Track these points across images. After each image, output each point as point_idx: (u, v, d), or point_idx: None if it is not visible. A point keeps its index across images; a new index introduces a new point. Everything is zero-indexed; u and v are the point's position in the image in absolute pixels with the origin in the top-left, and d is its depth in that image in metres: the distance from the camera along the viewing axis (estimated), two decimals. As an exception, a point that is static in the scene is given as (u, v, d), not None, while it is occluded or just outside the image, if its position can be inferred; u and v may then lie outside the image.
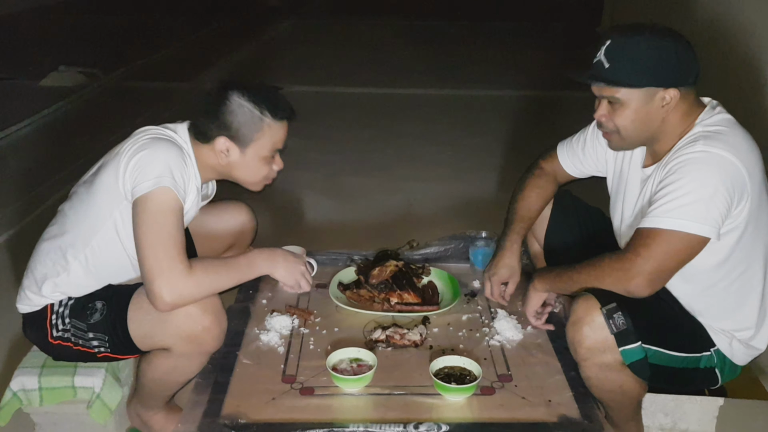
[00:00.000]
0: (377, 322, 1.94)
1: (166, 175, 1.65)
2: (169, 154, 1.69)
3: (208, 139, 1.78)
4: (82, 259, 1.75)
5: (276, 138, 1.80)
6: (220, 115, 1.75)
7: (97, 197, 1.73)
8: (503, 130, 4.92)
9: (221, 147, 1.77)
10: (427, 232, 2.67)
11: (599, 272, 1.65)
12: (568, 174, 2.06)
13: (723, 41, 3.89)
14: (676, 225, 1.56)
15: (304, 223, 3.44)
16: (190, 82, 6.01)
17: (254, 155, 1.79)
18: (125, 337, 1.71)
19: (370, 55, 7.37)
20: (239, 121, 1.75)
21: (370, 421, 1.56)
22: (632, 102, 1.63)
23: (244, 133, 1.76)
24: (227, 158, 1.79)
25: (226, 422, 1.56)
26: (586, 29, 7.67)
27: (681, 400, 1.90)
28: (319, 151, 4.43)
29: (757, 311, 1.71)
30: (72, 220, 1.77)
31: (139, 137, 1.73)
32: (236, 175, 1.84)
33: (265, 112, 1.76)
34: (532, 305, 1.91)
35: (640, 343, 1.61)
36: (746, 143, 1.62)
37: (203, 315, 1.67)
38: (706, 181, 1.56)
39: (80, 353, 1.76)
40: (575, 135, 2.04)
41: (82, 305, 1.76)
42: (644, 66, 1.59)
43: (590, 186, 2.08)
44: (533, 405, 1.63)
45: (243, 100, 1.75)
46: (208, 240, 2.10)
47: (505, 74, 6.50)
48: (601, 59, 1.62)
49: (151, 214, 1.64)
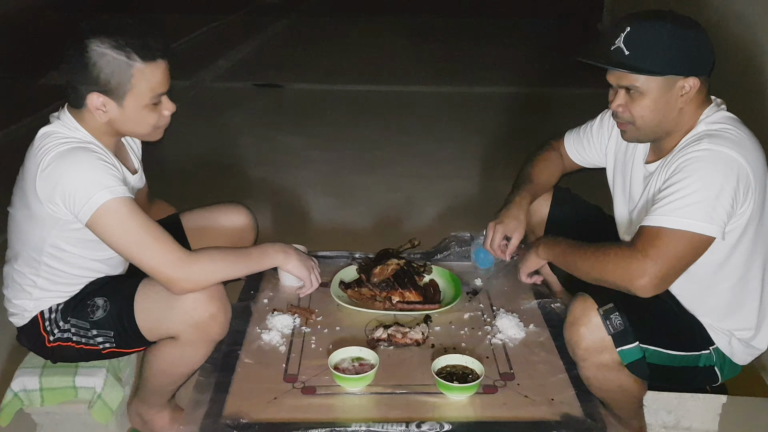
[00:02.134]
0: (379, 321, 1.93)
1: (95, 189, 1.56)
2: (79, 164, 1.57)
3: (82, 101, 1.62)
4: (44, 275, 1.72)
5: (153, 82, 1.62)
6: (83, 69, 1.58)
7: (28, 223, 1.68)
8: (504, 126, 4.91)
9: (96, 104, 1.61)
10: (428, 230, 2.68)
11: (604, 264, 1.64)
12: (572, 161, 2.07)
13: (729, 38, 3.87)
14: (683, 224, 1.55)
15: (305, 222, 3.44)
16: (190, 80, 6.00)
17: (134, 106, 1.62)
18: (132, 329, 1.70)
19: (369, 53, 7.35)
20: (106, 72, 1.57)
21: (372, 420, 1.56)
22: (652, 91, 1.61)
23: (116, 84, 1.59)
24: (107, 115, 1.63)
25: (228, 422, 1.55)
26: (587, 26, 7.65)
27: (684, 398, 1.89)
28: (320, 149, 4.42)
29: (757, 311, 1.71)
30: (15, 243, 1.74)
31: (42, 158, 1.59)
32: (124, 131, 1.69)
33: (132, 56, 1.57)
34: (528, 267, 1.96)
35: (638, 343, 1.60)
36: (750, 142, 1.61)
37: (210, 302, 1.66)
38: (712, 180, 1.55)
39: (82, 352, 1.76)
40: (584, 125, 2.05)
41: (77, 305, 1.75)
42: (666, 54, 1.57)
43: (589, 183, 2.08)
44: (536, 404, 1.62)
45: (104, 48, 1.56)
46: (206, 244, 2.06)
47: (506, 71, 6.48)
48: (621, 46, 1.59)
49: (114, 229, 1.60)
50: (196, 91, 5.86)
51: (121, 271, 1.88)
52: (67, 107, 1.69)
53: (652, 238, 1.58)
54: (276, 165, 4.17)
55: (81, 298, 1.76)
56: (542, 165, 2.09)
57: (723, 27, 3.88)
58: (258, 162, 4.21)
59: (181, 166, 4.15)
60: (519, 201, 2.02)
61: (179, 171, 4.04)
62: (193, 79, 6.10)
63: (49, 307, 1.75)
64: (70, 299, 1.76)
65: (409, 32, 8.39)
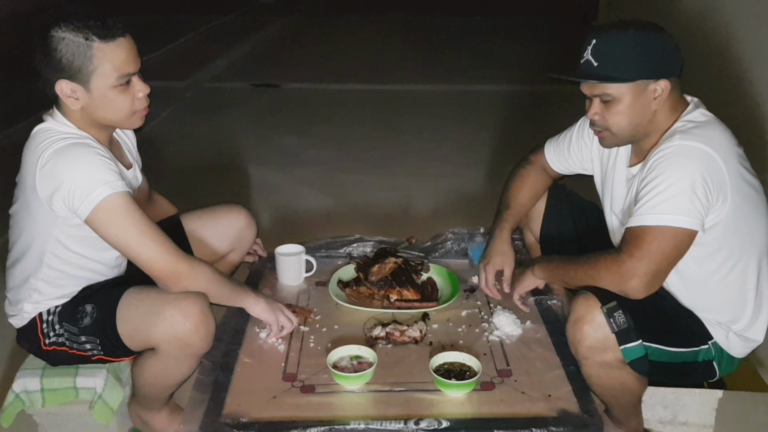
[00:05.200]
0: (377, 319, 1.94)
1: (95, 184, 1.57)
2: (78, 160, 1.58)
3: (52, 91, 1.61)
4: (44, 277, 1.73)
5: (116, 61, 1.59)
6: (47, 57, 1.58)
7: (29, 223, 1.68)
8: (501, 125, 4.92)
9: (66, 92, 1.60)
10: (426, 228, 2.68)
11: (595, 272, 1.66)
12: (556, 171, 2.08)
13: (717, 33, 3.89)
14: (662, 220, 1.57)
15: (303, 221, 3.44)
16: (186, 80, 6.00)
17: (102, 88, 1.61)
18: (115, 337, 1.69)
19: (365, 52, 7.36)
20: (67, 56, 1.57)
21: (371, 418, 1.57)
22: (625, 97, 1.63)
23: (78, 67, 1.58)
24: (78, 102, 1.62)
25: (228, 421, 1.56)
26: (583, 22, 7.66)
27: (680, 393, 1.90)
28: (316, 148, 4.43)
29: (752, 303, 1.72)
30: (18, 246, 1.74)
31: (40, 155, 1.59)
32: (99, 118, 1.66)
33: (90, 36, 1.56)
34: (524, 287, 1.95)
35: (641, 341, 1.62)
36: (723, 135, 1.63)
37: (191, 316, 1.62)
38: (683, 173, 1.56)
39: (76, 357, 1.76)
40: (562, 133, 2.05)
41: (71, 310, 1.75)
42: (632, 60, 1.60)
43: (586, 180, 2.08)
44: (533, 400, 1.63)
45: (62, 33, 1.56)
46: (206, 245, 2.07)
47: (502, 69, 6.49)
48: (589, 58, 1.64)
49: (113, 223, 1.60)
50: (194, 91, 5.86)
51: (120, 272, 1.88)
52: (55, 105, 1.69)
53: (636, 238, 1.60)
54: (274, 164, 4.17)
55: (76, 303, 1.76)
56: (519, 184, 2.09)
57: (704, 20, 3.90)
58: (256, 161, 4.21)
59: (179, 166, 4.16)
60: (499, 234, 2.06)
61: (177, 171, 4.04)
62: (191, 79, 6.11)
63: (48, 310, 1.76)
64: (67, 303, 1.76)
65: (405, 31, 8.39)
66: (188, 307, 1.63)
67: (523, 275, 1.94)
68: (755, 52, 3.51)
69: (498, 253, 2.05)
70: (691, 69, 1.75)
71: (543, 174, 2.10)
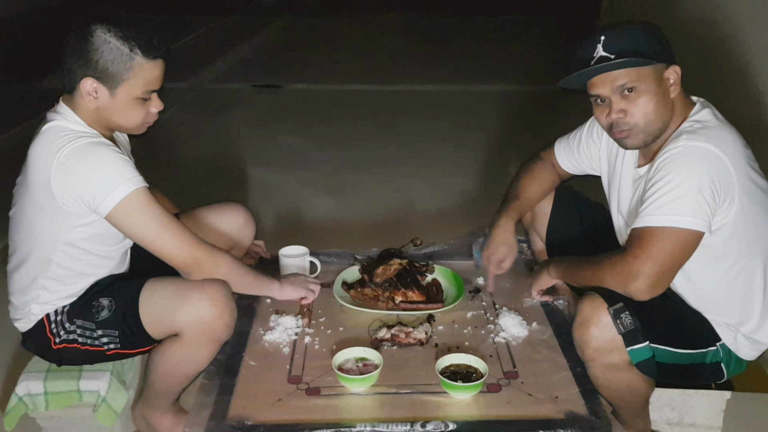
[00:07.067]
0: (382, 321, 1.93)
1: (118, 181, 1.61)
2: (100, 159, 1.62)
3: (75, 85, 1.65)
4: (53, 276, 1.73)
5: (149, 78, 1.66)
6: (84, 52, 1.60)
7: (35, 222, 1.68)
8: (504, 125, 4.91)
9: (87, 88, 1.63)
10: (430, 229, 2.68)
11: (601, 273, 1.65)
12: (565, 170, 2.07)
13: (722, 34, 3.88)
14: (668, 221, 1.56)
15: (306, 223, 3.43)
16: (187, 81, 6.00)
17: (125, 96, 1.65)
18: (137, 327, 1.71)
19: (367, 52, 7.35)
20: (106, 59, 1.60)
21: (377, 420, 1.56)
22: (649, 84, 1.62)
23: (112, 73, 1.62)
24: (96, 101, 1.65)
25: (233, 424, 1.56)
26: (585, 23, 7.65)
27: (688, 394, 1.89)
28: (320, 150, 4.42)
29: (760, 305, 1.71)
30: (24, 248, 1.74)
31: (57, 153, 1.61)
32: (111, 120, 1.70)
33: (135, 50, 1.62)
34: (541, 285, 1.98)
35: (648, 342, 1.60)
36: (730, 136, 1.62)
37: (216, 301, 1.67)
38: (690, 174, 1.55)
39: (88, 353, 1.76)
40: (572, 132, 2.04)
41: (82, 306, 1.75)
42: (647, 45, 1.61)
43: (592, 181, 2.07)
44: (540, 402, 1.62)
45: (109, 36, 1.60)
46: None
47: (504, 69, 6.48)
48: (603, 54, 1.62)
49: (137, 217, 1.65)
50: (195, 92, 5.86)
51: (125, 269, 1.89)
52: (62, 98, 1.71)
53: (640, 239, 1.59)
54: (275, 165, 4.17)
55: (87, 299, 1.76)
56: (530, 178, 2.09)
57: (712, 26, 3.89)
58: (257, 162, 4.21)
59: (181, 167, 4.15)
60: (504, 223, 2.04)
61: (179, 172, 4.03)
62: (192, 80, 6.10)
63: (55, 310, 1.76)
64: (75, 301, 1.76)
65: (408, 31, 8.39)
66: (214, 292, 1.68)
67: (539, 275, 1.96)
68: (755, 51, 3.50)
69: (500, 243, 2.04)
70: (691, 69, 1.75)
71: (553, 171, 2.09)
